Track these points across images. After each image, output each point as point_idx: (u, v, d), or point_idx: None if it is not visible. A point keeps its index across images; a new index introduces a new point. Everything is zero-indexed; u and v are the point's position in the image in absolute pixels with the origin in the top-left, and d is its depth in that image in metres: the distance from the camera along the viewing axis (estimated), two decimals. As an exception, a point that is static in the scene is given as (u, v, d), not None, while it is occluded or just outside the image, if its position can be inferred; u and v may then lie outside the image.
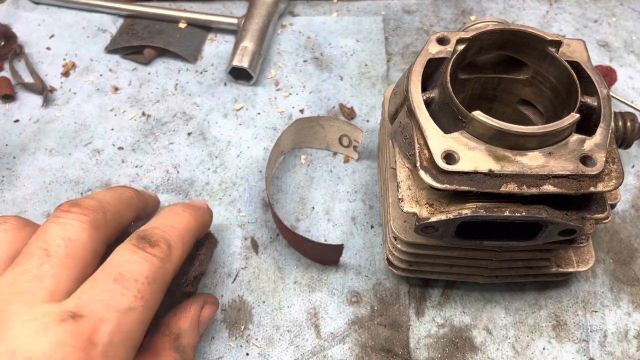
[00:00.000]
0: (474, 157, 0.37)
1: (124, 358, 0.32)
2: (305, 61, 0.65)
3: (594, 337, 0.47)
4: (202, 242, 0.44)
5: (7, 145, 0.57)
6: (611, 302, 0.48)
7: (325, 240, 0.51)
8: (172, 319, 0.40)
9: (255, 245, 0.51)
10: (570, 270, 0.46)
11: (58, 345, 0.29)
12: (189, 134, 0.59)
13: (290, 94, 0.62)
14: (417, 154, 0.38)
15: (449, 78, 0.39)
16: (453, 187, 0.36)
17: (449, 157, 0.37)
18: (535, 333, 0.47)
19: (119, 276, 0.33)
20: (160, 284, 0.35)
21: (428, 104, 0.40)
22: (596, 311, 0.48)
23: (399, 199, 0.40)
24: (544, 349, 0.46)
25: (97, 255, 0.35)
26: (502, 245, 0.41)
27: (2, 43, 0.63)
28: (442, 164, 0.36)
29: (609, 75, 0.60)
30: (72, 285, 0.32)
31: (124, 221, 0.40)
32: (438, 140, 0.37)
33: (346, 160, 0.57)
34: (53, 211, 0.36)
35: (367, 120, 0.60)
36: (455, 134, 0.38)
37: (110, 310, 0.31)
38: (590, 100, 0.40)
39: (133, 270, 0.33)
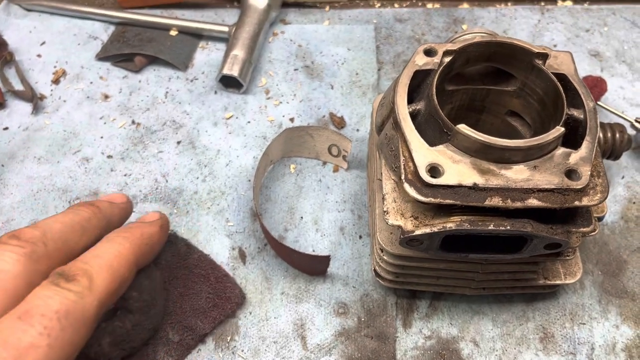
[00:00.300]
0: (459, 171, 0.36)
1: None
2: (296, 69, 0.65)
3: (581, 350, 0.46)
4: (220, 302, 0.45)
5: (-5, 153, 0.57)
6: (599, 315, 0.48)
7: (314, 251, 0.51)
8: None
9: (242, 256, 0.51)
10: (558, 282, 0.46)
11: None
12: (179, 142, 0.58)
13: (281, 102, 0.62)
14: (402, 166, 0.38)
15: (434, 90, 0.39)
16: (437, 200, 0.36)
17: (434, 170, 0.37)
18: (523, 345, 0.47)
19: (24, 313, 0.31)
20: (75, 321, 0.32)
21: (414, 116, 0.40)
22: (584, 323, 0.48)
23: (384, 211, 0.40)
24: (531, 361, 0.46)
25: (32, 288, 0.33)
26: (487, 258, 0.41)
27: (-7, 50, 0.63)
28: (427, 178, 0.36)
29: (598, 86, 0.60)
30: None
31: (73, 248, 0.38)
32: (423, 153, 0.37)
33: (335, 170, 0.56)
34: None
35: (357, 130, 0.59)
36: (441, 147, 0.37)
37: (6, 349, 0.29)
38: (576, 113, 0.40)
39: (40, 305, 0.31)
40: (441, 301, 0.49)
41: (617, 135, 0.51)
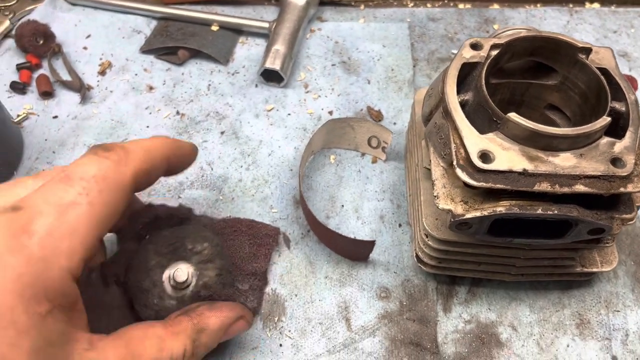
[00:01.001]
0: (509, 157, 0.38)
1: (67, 253, 0.31)
2: (333, 65, 0.67)
3: (616, 336, 0.48)
4: (261, 241, 0.46)
5: (46, 140, 0.60)
6: (633, 303, 0.50)
7: (355, 237, 0.53)
8: (205, 313, 0.39)
9: (287, 241, 0.53)
10: (594, 270, 0.48)
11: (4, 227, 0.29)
12: (222, 132, 0.60)
13: (319, 96, 0.64)
14: (454, 153, 0.39)
15: (484, 81, 0.41)
16: (489, 185, 0.38)
17: (485, 157, 0.38)
18: (559, 330, 0.48)
19: (64, 177, 0.32)
20: (112, 185, 0.34)
21: (462, 106, 0.42)
22: (618, 311, 0.49)
23: (435, 196, 0.42)
24: (568, 346, 0.48)
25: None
26: (531, 243, 0.43)
27: (41, 42, 0.65)
28: (479, 163, 0.38)
29: (630, 84, 0.62)
30: None
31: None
32: (474, 141, 0.39)
33: (374, 161, 0.58)
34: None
35: (394, 123, 0.61)
36: (490, 135, 0.39)
37: (49, 205, 0.31)
38: (618, 106, 0.41)
39: (79, 171, 0.33)
40: (479, 287, 0.51)
41: (651, 130, 0.53)
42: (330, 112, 0.62)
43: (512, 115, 0.38)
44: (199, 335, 0.38)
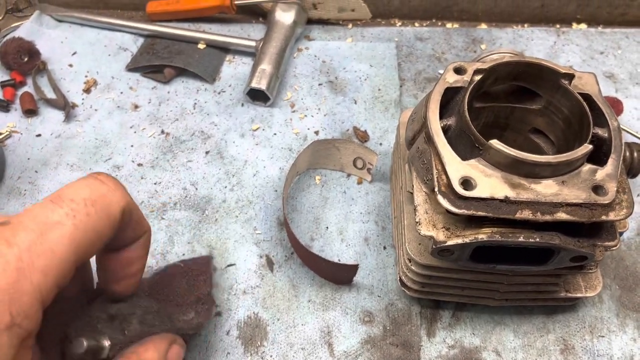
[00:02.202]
0: (491, 184, 0.38)
1: (42, 270, 0.30)
2: (320, 84, 0.67)
3: (601, 362, 0.48)
4: (197, 271, 0.45)
5: (29, 159, 0.59)
6: (617, 328, 0.49)
7: (339, 260, 0.53)
8: (139, 348, 0.39)
9: (270, 263, 0.52)
10: (579, 295, 0.47)
11: None
12: (207, 152, 0.60)
13: (306, 115, 0.64)
14: (435, 179, 0.39)
15: (466, 107, 0.41)
16: (470, 212, 0.37)
17: (467, 183, 0.38)
18: (544, 356, 0.48)
19: (56, 196, 0.33)
20: (101, 211, 0.33)
21: (445, 131, 0.41)
22: (603, 336, 0.49)
23: (417, 222, 0.41)
24: (552, 372, 0.47)
25: None
26: (514, 269, 0.43)
27: (26, 59, 0.65)
28: (460, 190, 0.38)
29: (615, 106, 0.62)
30: None
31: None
32: (456, 167, 0.39)
33: (359, 182, 0.58)
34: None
35: (380, 144, 0.61)
36: (472, 161, 0.39)
37: (35, 222, 0.31)
38: (601, 132, 0.41)
39: (71, 192, 0.33)
40: (464, 312, 0.50)
41: (635, 154, 0.52)
42: (317, 132, 0.62)
43: (494, 142, 0.38)
44: None
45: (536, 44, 0.73)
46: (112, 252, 0.39)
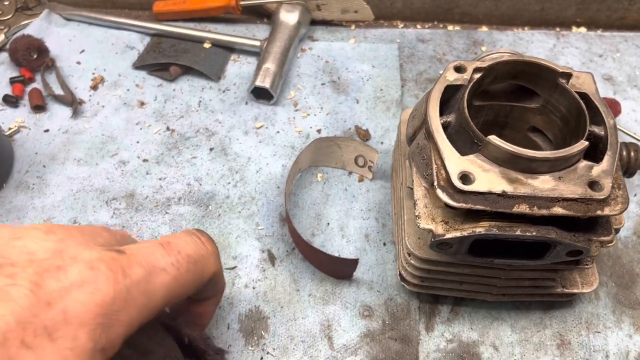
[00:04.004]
0: (489, 179, 0.39)
1: (139, 309, 0.32)
2: (323, 84, 0.68)
3: (596, 357, 0.48)
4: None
5: (37, 153, 0.60)
6: (613, 324, 0.50)
7: (340, 256, 0.54)
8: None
9: (272, 258, 0.53)
10: (575, 291, 0.48)
11: (97, 260, 0.30)
12: (211, 149, 0.61)
13: (309, 114, 0.65)
14: (435, 174, 0.40)
15: (465, 104, 0.42)
16: (468, 205, 0.38)
17: (465, 178, 0.39)
18: (540, 351, 0.49)
19: (165, 243, 0.35)
20: (197, 271, 0.36)
21: (445, 127, 0.42)
22: (599, 332, 0.50)
23: (416, 215, 0.42)
24: (548, 366, 0.48)
25: None
26: (511, 263, 0.44)
27: (35, 56, 0.66)
28: (459, 184, 0.39)
29: (613, 108, 0.63)
30: None
31: None
32: (455, 162, 0.40)
33: (360, 180, 0.59)
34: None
35: (382, 142, 0.62)
36: (471, 157, 0.40)
37: (146, 261, 0.33)
38: (597, 130, 0.42)
39: (179, 244, 0.35)
40: (462, 307, 0.51)
41: (632, 153, 0.53)
42: (319, 131, 0.63)
43: (492, 138, 0.39)
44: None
45: (536, 46, 0.74)
46: (187, 302, 0.42)
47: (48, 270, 0.29)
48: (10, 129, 0.62)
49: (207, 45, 0.70)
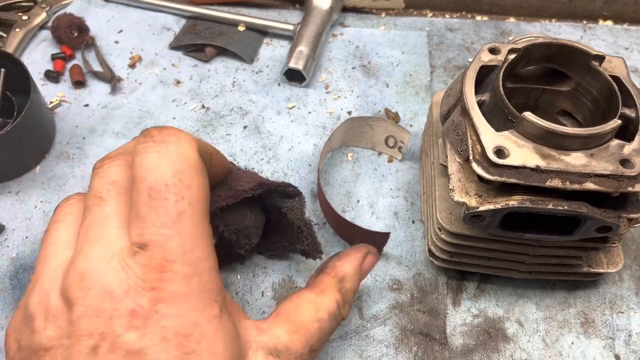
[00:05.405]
0: (523, 154, 0.40)
1: (205, 254, 0.33)
2: (353, 68, 0.69)
3: (619, 336, 0.50)
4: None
5: (77, 126, 0.62)
6: (636, 305, 0.51)
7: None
8: (337, 263, 0.43)
9: (304, 231, 0.55)
10: (600, 270, 0.49)
11: (137, 277, 0.31)
12: (245, 127, 0.63)
13: (339, 97, 0.66)
14: (470, 148, 0.42)
15: (501, 82, 0.43)
16: (503, 179, 0.40)
17: (500, 153, 0.40)
18: (565, 328, 0.50)
19: (151, 190, 0.32)
20: (191, 172, 0.33)
21: (479, 105, 0.44)
22: (622, 312, 0.51)
23: (450, 189, 0.44)
24: (572, 343, 0.49)
25: None
26: (541, 239, 0.45)
27: (76, 34, 0.68)
28: (494, 158, 0.40)
29: None
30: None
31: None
32: (490, 137, 0.41)
33: (390, 160, 0.61)
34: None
35: (411, 125, 0.64)
36: (506, 133, 0.41)
37: (165, 227, 0.31)
38: (628, 112, 0.43)
39: (159, 177, 0.32)
40: (488, 284, 0.52)
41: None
42: (349, 112, 0.65)
43: (527, 114, 0.40)
44: (342, 284, 0.42)
45: (563, 38, 0.74)
46: None
47: None
48: (52, 102, 0.64)
49: (241, 28, 0.72)
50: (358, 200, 0.57)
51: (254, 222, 0.44)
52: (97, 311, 0.30)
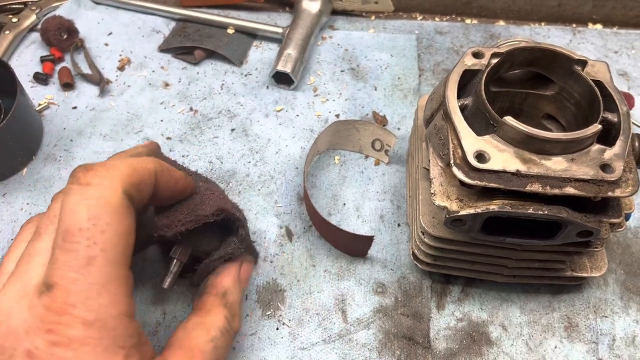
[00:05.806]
0: (503, 158, 0.40)
1: (112, 302, 0.32)
2: (342, 71, 0.70)
3: (603, 340, 0.50)
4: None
5: (64, 128, 0.62)
6: (620, 310, 0.51)
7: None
8: (216, 280, 0.43)
9: (289, 234, 0.55)
10: (584, 275, 0.49)
11: (37, 318, 0.31)
12: (233, 129, 0.63)
13: (327, 100, 0.66)
14: (451, 152, 0.42)
15: (483, 86, 0.43)
16: (483, 183, 0.40)
17: (480, 157, 0.41)
18: (548, 332, 0.50)
19: (65, 233, 0.32)
20: (109, 216, 0.33)
21: (462, 110, 0.44)
22: (606, 316, 0.51)
23: (432, 193, 0.44)
24: (555, 347, 0.49)
25: None
26: (522, 243, 0.45)
27: (65, 36, 0.68)
28: (474, 162, 0.40)
29: (627, 101, 0.64)
30: None
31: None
32: (471, 141, 0.41)
33: (377, 163, 0.61)
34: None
35: (398, 128, 0.64)
36: (487, 137, 0.42)
37: (72, 271, 0.31)
38: (610, 116, 0.44)
39: (74, 221, 0.32)
40: (472, 288, 0.52)
41: (644, 144, 0.55)
42: (337, 116, 0.65)
43: (508, 119, 0.40)
44: (226, 298, 0.42)
45: (552, 41, 0.75)
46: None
47: None
48: (40, 105, 0.64)
49: (230, 31, 0.72)
50: (344, 203, 0.57)
51: (219, 244, 0.45)
52: (1, 349, 0.31)
